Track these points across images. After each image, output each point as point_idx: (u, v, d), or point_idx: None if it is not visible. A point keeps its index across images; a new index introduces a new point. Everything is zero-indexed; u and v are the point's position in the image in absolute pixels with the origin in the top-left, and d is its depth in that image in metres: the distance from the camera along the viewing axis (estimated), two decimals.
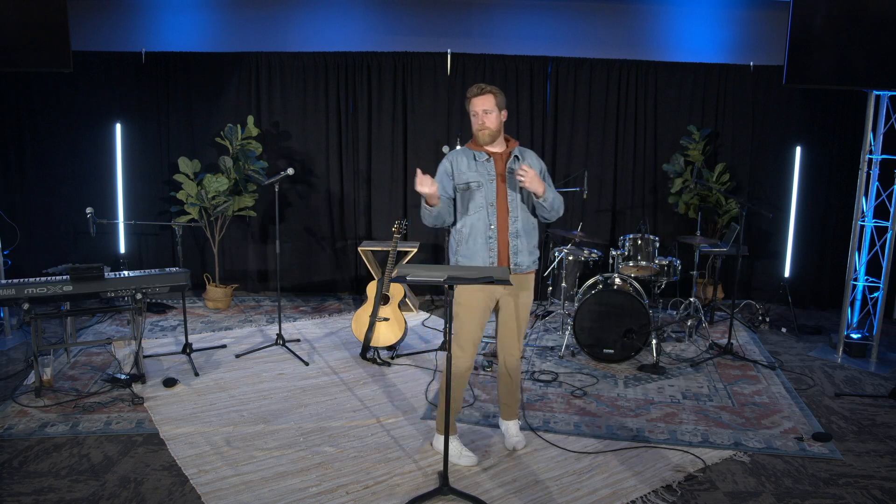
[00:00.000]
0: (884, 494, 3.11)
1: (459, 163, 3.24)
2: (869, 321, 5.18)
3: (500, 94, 3.23)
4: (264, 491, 3.04)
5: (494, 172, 3.21)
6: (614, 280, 4.93)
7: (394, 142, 6.50)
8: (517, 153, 3.27)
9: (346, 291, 6.76)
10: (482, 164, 3.22)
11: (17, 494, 2.98)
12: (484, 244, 3.20)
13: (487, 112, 3.16)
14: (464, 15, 6.53)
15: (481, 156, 3.23)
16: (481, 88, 3.18)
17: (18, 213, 6.22)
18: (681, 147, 6.38)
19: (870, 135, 4.94)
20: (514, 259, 3.22)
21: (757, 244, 6.56)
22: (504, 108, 3.24)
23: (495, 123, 3.19)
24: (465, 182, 3.21)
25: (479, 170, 3.21)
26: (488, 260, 3.20)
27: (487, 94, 3.17)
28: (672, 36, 6.56)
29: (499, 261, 3.21)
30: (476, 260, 3.21)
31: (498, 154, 3.25)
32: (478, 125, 3.18)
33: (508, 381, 3.47)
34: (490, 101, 3.16)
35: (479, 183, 3.20)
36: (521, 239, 3.23)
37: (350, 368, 4.64)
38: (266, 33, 6.50)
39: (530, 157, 3.31)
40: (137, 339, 4.22)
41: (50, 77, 6.17)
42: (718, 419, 3.90)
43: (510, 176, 3.21)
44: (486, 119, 3.16)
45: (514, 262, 3.22)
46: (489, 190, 3.20)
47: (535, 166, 3.25)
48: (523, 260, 3.24)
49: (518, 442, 3.49)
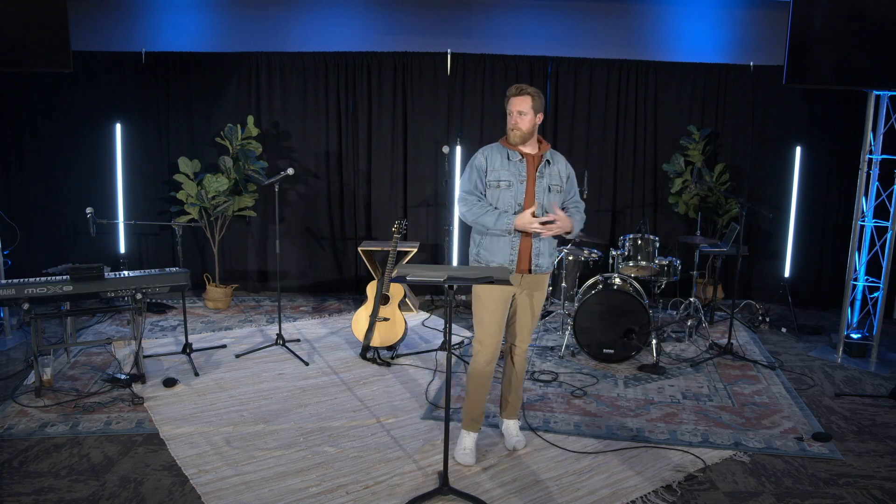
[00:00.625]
0: (884, 494, 3.11)
1: (493, 159, 3.27)
2: (869, 321, 5.18)
3: (540, 98, 3.24)
4: (264, 491, 3.04)
5: (525, 173, 3.24)
6: (614, 280, 4.93)
7: (394, 142, 6.50)
8: (548, 157, 3.30)
9: (346, 291, 6.76)
10: (515, 163, 3.25)
11: (17, 494, 2.98)
12: (507, 242, 3.23)
13: (522, 114, 3.19)
14: (464, 15, 6.53)
15: (515, 155, 3.26)
16: (520, 89, 3.21)
17: (18, 213, 6.22)
18: (681, 147, 6.38)
19: (870, 135, 4.94)
20: (536, 261, 3.26)
21: (757, 244, 6.55)
22: (541, 112, 3.26)
23: (528, 125, 3.20)
24: (497, 179, 3.24)
25: (512, 169, 3.24)
26: (509, 258, 3.23)
27: (526, 95, 3.19)
28: (672, 36, 6.56)
29: (519, 260, 3.25)
30: (497, 256, 3.24)
31: (531, 156, 3.27)
32: (511, 124, 3.21)
33: (513, 375, 3.48)
34: (527, 103, 3.19)
35: (510, 182, 3.23)
36: (543, 242, 3.27)
37: (350, 368, 4.64)
38: (266, 33, 6.50)
39: (560, 162, 3.35)
40: (137, 339, 4.22)
41: (50, 77, 6.17)
42: (718, 419, 3.90)
43: (540, 178, 3.24)
44: (519, 120, 3.19)
45: (535, 264, 3.26)
46: (519, 190, 3.23)
47: (563, 172, 3.32)
48: (544, 262, 3.30)
49: (518, 441, 3.49)
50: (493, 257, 3.26)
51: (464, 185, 3.31)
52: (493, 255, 3.26)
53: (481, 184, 3.26)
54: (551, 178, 3.26)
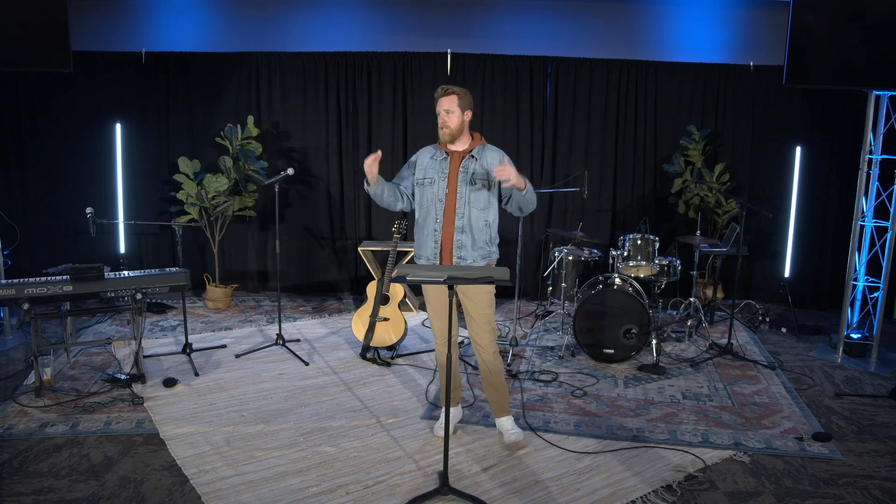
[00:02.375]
0: (884, 494, 3.11)
1: (423, 159, 3.45)
2: (869, 321, 5.18)
3: (466, 96, 3.35)
4: (264, 491, 3.04)
5: (448, 170, 3.36)
6: (614, 280, 4.93)
7: (394, 142, 6.50)
8: (475, 153, 3.36)
9: (346, 291, 6.76)
10: (439, 161, 3.39)
11: (17, 494, 2.98)
12: (430, 236, 3.36)
13: (449, 112, 3.31)
14: (464, 15, 6.53)
15: (440, 154, 3.41)
16: (445, 89, 3.33)
17: (18, 213, 6.22)
18: (681, 147, 6.38)
19: (870, 135, 4.94)
20: (458, 253, 3.34)
21: (757, 244, 6.56)
22: (469, 109, 3.36)
23: (456, 123, 3.32)
24: (421, 177, 3.41)
25: (436, 167, 3.39)
26: (433, 251, 3.37)
27: (451, 94, 3.31)
28: (672, 36, 6.56)
29: (442, 253, 3.36)
30: (424, 249, 3.41)
31: (456, 153, 3.38)
32: (440, 123, 3.34)
33: (488, 375, 3.49)
34: (453, 102, 3.30)
35: (432, 179, 3.37)
36: (465, 234, 3.33)
37: (350, 368, 4.64)
38: (266, 33, 6.50)
39: (490, 155, 3.38)
40: (137, 339, 4.22)
41: (50, 77, 6.17)
42: (718, 419, 3.90)
43: (462, 174, 3.33)
44: (447, 118, 3.31)
45: (457, 256, 3.34)
46: (440, 186, 3.35)
47: (488, 166, 3.35)
48: (467, 255, 3.35)
49: (514, 434, 3.47)
50: (421, 251, 3.41)
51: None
52: (421, 249, 3.41)
53: (404, 178, 3.46)
54: (475, 172, 3.33)
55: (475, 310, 3.38)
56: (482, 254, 3.38)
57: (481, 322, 3.40)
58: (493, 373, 3.48)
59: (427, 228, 3.38)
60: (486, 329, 3.41)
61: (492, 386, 3.51)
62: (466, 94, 3.35)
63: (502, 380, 3.53)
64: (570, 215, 6.56)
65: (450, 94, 3.30)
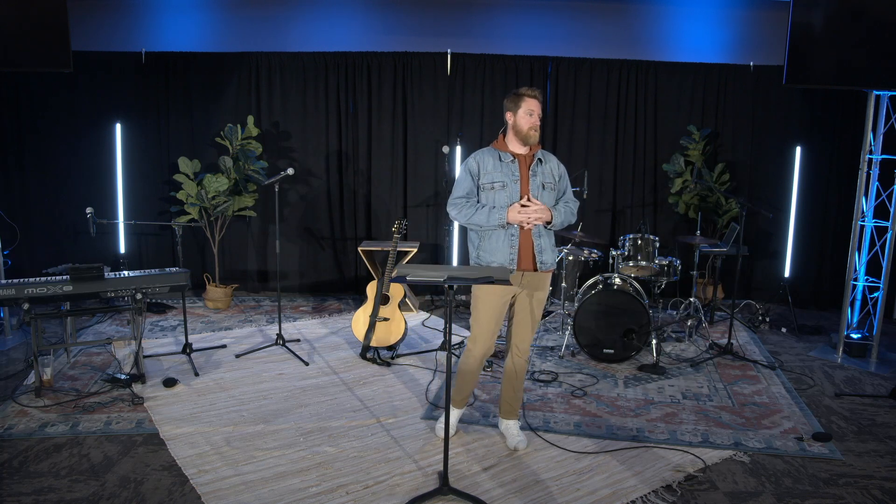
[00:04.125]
0: (884, 494, 3.11)
1: (486, 163, 3.32)
2: (869, 321, 5.18)
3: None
4: (264, 491, 3.04)
5: (519, 173, 3.29)
6: (614, 280, 4.93)
7: (394, 142, 6.50)
8: (540, 156, 3.35)
9: (346, 291, 6.76)
10: (507, 164, 3.30)
11: (17, 494, 2.98)
12: (506, 242, 3.26)
13: (539, 117, 3.29)
14: (464, 15, 6.53)
15: (507, 156, 3.31)
16: (536, 91, 3.30)
17: (18, 213, 6.22)
18: (681, 147, 6.38)
19: (870, 135, 4.94)
20: (540, 257, 3.30)
21: (757, 244, 6.56)
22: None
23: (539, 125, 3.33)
24: (491, 181, 3.29)
25: (504, 170, 3.30)
26: (509, 257, 3.26)
27: (540, 98, 3.31)
28: (672, 36, 6.56)
29: (520, 258, 3.28)
30: (497, 256, 3.27)
31: (522, 156, 3.33)
32: (531, 124, 3.27)
33: (514, 378, 3.49)
34: (540, 106, 3.30)
35: (504, 183, 3.28)
36: (543, 238, 3.31)
37: (350, 368, 4.64)
38: (266, 33, 6.50)
39: (552, 161, 3.41)
40: (137, 339, 4.22)
41: (50, 77, 6.16)
42: (718, 419, 3.90)
43: (533, 177, 3.29)
44: (537, 121, 3.28)
45: (539, 261, 3.29)
46: (513, 190, 3.27)
47: (555, 170, 3.37)
48: (548, 258, 3.33)
49: (520, 441, 3.49)
50: (493, 258, 3.28)
51: (456, 190, 3.36)
52: (492, 255, 3.28)
53: (475, 188, 3.32)
54: (544, 176, 3.32)
55: (534, 310, 3.37)
56: (554, 257, 3.40)
57: (532, 323, 3.40)
58: (520, 376, 3.51)
59: (501, 234, 3.26)
60: (531, 331, 3.42)
61: (513, 388, 3.51)
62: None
63: (523, 383, 3.56)
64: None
65: (540, 98, 3.30)
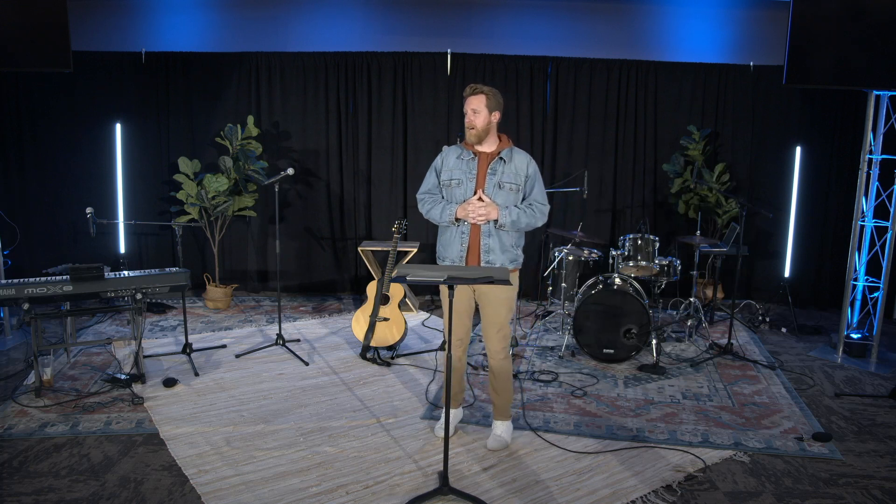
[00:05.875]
0: (884, 494, 3.11)
1: (448, 159, 3.39)
2: (869, 321, 5.18)
3: (495, 96, 3.28)
4: (264, 491, 3.04)
5: (476, 171, 3.31)
6: (614, 280, 4.93)
7: (394, 142, 6.50)
8: (504, 155, 3.32)
9: (346, 291, 6.76)
10: (466, 162, 3.34)
11: (17, 494, 2.98)
12: (458, 238, 3.33)
13: (476, 112, 3.26)
14: (464, 15, 6.53)
15: (467, 154, 3.35)
16: (474, 88, 3.28)
17: (18, 213, 6.22)
18: (681, 147, 6.38)
19: (870, 135, 4.94)
20: (486, 257, 3.31)
21: (757, 244, 6.55)
22: (497, 110, 3.30)
23: (482, 123, 3.26)
24: (450, 178, 3.36)
25: (463, 168, 3.34)
26: (459, 253, 3.33)
27: (479, 94, 3.26)
28: (672, 36, 6.56)
29: (468, 256, 3.32)
30: (449, 251, 3.36)
31: (484, 154, 3.34)
32: (466, 123, 3.29)
33: (493, 379, 3.49)
34: (481, 102, 3.25)
35: (460, 180, 3.33)
36: (493, 238, 3.30)
37: (350, 368, 4.64)
38: (266, 33, 6.50)
39: (520, 161, 3.34)
40: (137, 339, 4.22)
41: (50, 77, 6.17)
42: (718, 419, 3.90)
43: (491, 176, 3.30)
44: (474, 118, 3.26)
45: (484, 260, 3.31)
46: (468, 187, 3.32)
47: (521, 170, 3.32)
48: (495, 258, 3.31)
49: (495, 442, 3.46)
50: (446, 253, 3.36)
51: (423, 185, 3.46)
52: (446, 250, 3.37)
53: (437, 183, 3.41)
54: (504, 175, 3.29)
55: (489, 311, 3.36)
56: (510, 257, 3.34)
57: (493, 323, 3.38)
58: (497, 376, 3.46)
59: (454, 230, 3.32)
60: (495, 331, 3.39)
61: (494, 389, 3.51)
62: (496, 95, 3.28)
63: (506, 385, 3.48)
64: (570, 215, 6.55)
65: (478, 93, 3.25)
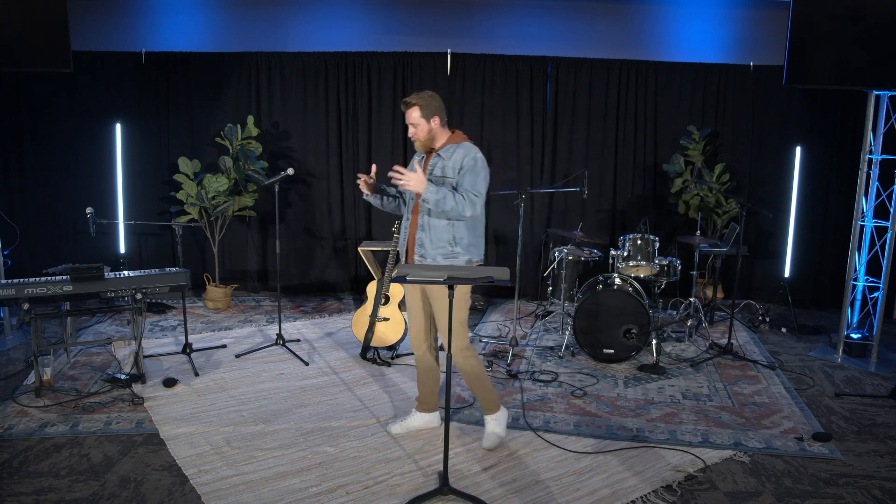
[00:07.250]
0: (884, 494, 3.11)
1: (413, 160, 3.51)
2: (869, 321, 5.18)
3: (428, 104, 3.31)
4: (264, 491, 3.04)
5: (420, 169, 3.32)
6: (614, 280, 4.93)
7: (394, 142, 6.50)
8: (442, 152, 3.37)
9: (346, 291, 6.76)
10: (418, 162, 3.44)
11: (17, 494, 2.98)
12: (404, 233, 3.49)
13: (415, 125, 3.34)
14: (464, 15, 6.53)
15: (420, 156, 3.49)
16: (406, 103, 3.34)
17: (18, 213, 6.22)
18: (681, 147, 6.38)
19: (870, 135, 4.94)
20: (418, 251, 3.38)
21: (757, 244, 6.55)
22: (436, 114, 3.34)
23: (423, 135, 3.35)
24: None
25: (414, 167, 3.37)
26: (403, 247, 3.49)
27: (412, 107, 3.33)
28: (672, 36, 6.56)
29: (407, 250, 3.45)
30: (400, 246, 3.54)
31: (431, 152, 3.43)
32: (410, 136, 3.41)
33: (463, 376, 3.49)
34: (415, 115, 3.32)
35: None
36: (426, 232, 3.35)
37: (350, 368, 4.64)
38: (266, 33, 6.50)
39: (458, 154, 3.32)
40: (137, 339, 4.22)
41: (50, 77, 6.16)
42: (718, 419, 3.90)
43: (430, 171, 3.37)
44: (416, 132, 3.37)
45: (417, 255, 3.39)
46: None
47: (456, 164, 3.30)
48: (426, 253, 3.36)
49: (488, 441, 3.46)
50: (399, 247, 3.56)
51: None
52: (399, 244, 3.56)
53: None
54: (440, 170, 3.34)
55: (438, 303, 3.35)
56: (443, 253, 3.33)
57: (440, 322, 3.38)
58: (464, 373, 3.46)
59: (405, 222, 3.50)
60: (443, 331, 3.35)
61: (471, 387, 3.52)
62: (429, 100, 3.30)
63: (477, 382, 3.46)
64: (570, 215, 6.55)
65: (410, 107, 3.31)
